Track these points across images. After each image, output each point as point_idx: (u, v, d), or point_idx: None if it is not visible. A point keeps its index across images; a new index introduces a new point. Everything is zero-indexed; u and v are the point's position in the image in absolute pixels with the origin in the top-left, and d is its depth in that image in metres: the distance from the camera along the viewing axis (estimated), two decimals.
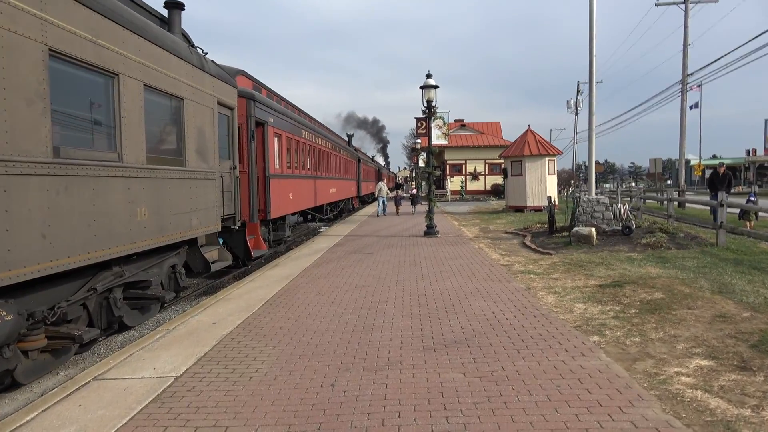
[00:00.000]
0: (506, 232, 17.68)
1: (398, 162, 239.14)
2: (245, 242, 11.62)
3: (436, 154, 17.02)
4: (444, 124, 16.29)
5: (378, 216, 25.46)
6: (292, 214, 16.15)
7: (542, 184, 26.85)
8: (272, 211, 12.83)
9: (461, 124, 50.88)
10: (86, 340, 5.75)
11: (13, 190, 4.55)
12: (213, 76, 9.19)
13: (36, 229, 4.82)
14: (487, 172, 49.76)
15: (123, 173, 6.30)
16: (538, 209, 26.56)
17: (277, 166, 13.72)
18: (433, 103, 15.74)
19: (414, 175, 62.84)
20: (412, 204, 27.94)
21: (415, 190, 30.13)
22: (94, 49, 5.65)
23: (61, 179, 5.15)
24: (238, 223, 10.62)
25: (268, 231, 14.03)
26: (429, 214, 16.83)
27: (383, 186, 26.36)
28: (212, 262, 10.02)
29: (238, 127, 11.32)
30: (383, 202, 25.99)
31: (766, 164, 69.22)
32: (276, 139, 13.74)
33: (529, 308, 7.20)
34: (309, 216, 22.34)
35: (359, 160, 36.57)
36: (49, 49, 4.98)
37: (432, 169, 16.79)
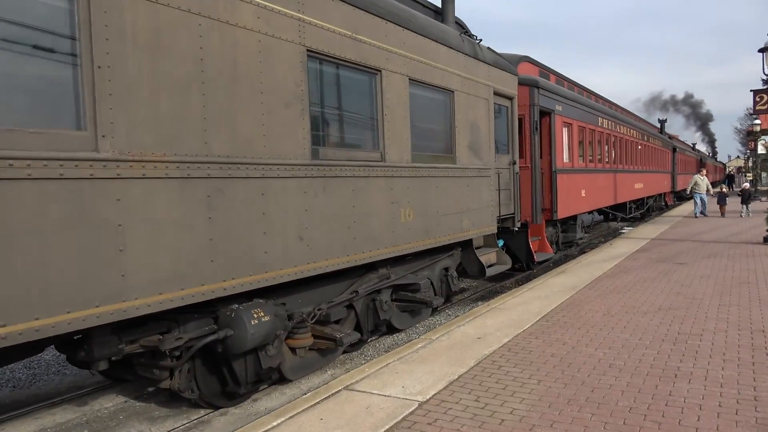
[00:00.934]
0: None
1: (728, 150, 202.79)
2: (527, 244, 10.62)
3: None
4: None
5: (696, 217, 20.91)
6: (586, 213, 14.41)
7: None
8: (559, 210, 11.51)
9: None
10: (346, 343, 5.66)
11: (270, 193, 4.58)
12: (488, 64, 8.46)
13: (293, 231, 4.81)
14: None
15: (385, 173, 6.05)
16: None
17: (566, 160, 12.29)
18: None
19: (751, 164, 51.62)
20: (742, 203, 20.86)
21: (747, 185, 23.21)
22: (353, 46, 5.48)
23: (319, 181, 5.09)
24: (518, 224, 9.69)
25: (556, 232, 12.71)
26: None
27: (700, 179, 21.16)
28: (489, 266, 9.34)
29: (519, 118, 10.37)
30: (701, 199, 21.02)
31: None
32: (565, 129, 12.31)
33: None
34: (610, 215, 19.93)
35: (674, 149, 31.50)
36: (307, 50, 4.93)
37: None
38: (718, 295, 7.90)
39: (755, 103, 13.01)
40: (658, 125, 30.85)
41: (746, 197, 20.82)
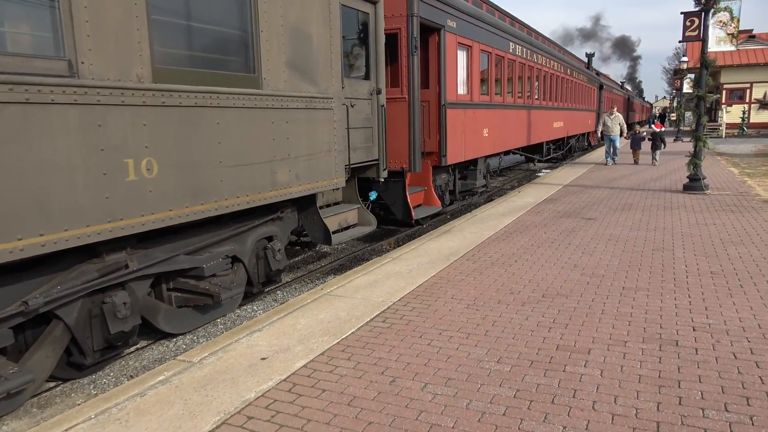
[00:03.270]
0: None
1: (656, 91, 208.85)
2: (404, 197, 8.43)
3: (711, 69, 11.18)
4: (732, 18, 10.04)
5: (606, 165, 17.65)
6: (491, 156, 12.35)
7: None
8: (450, 153, 9.32)
9: (748, 36, 38.79)
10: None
11: None
12: None
13: None
14: None
15: (82, 97, 3.51)
16: None
17: (462, 92, 10.01)
18: None
19: (676, 104, 51.78)
20: (652, 149, 17.37)
21: (658, 125, 18.89)
22: None
23: None
24: (384, 173, 7.42)
25: (450, 179, 10.60)
26: (694, 158, 11.36)
27: (609, 119, 17.30)
28: (344, 228, 7.10)
29: (391, 34, 7.91)
30: (613, 142, 17.44)
31: None
32: (462, 52, 9.96)
33: None
34: (526, 157, 18.07)
35: (601, 86, 30.03)
36: None
37: (704, 92, 11.13)
38: (625, 269, 6.03)
39: (685, 27, 11.07)
40: (585, 60, 29.13)
41: (656, 141, 17.28)
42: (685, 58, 34.56)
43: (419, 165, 8.22)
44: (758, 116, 38.01)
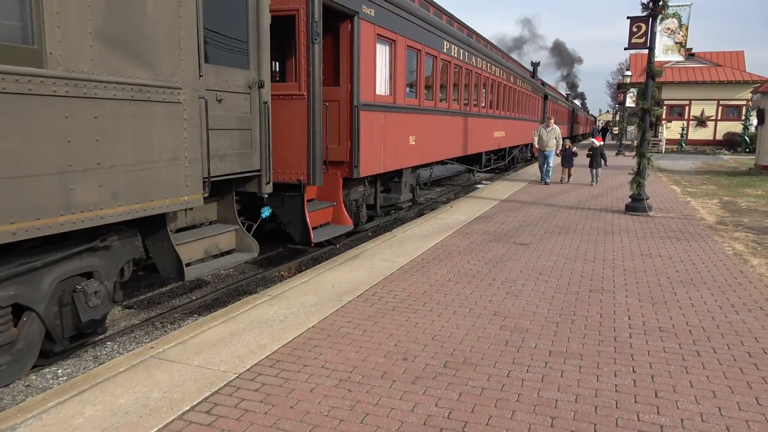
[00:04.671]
0: None
1: (600, 105, 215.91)
2: (302, 216, 6.96)
3: (659, 80, 10.26)
4: (680, 26, 9.36)
5: (543, 183, 15.26)
6: (419, 167, 11.05)
7: None
8: (364, 163, 7.92)
9: (689, 54, 39.48)
10: None
11: None
12: None
13: None
14: (719, 117, 38.52)
15: None
16: None
17: (382, 92, 8.64)
18: None
19: (619, 118, 52.54)
20: (591, 167, 15.23)
21: (598, 139, 16.11)
22: None
23: None
24: (268, 187, 5.93)
25: (366, 194, 9.22)
26: (637, 176, 10.41)
27: (545, 132, 15.07)
28: (217, 255, 5.57)
29: (285, 16, 6.44)
30: (547, 159, 15.11)
31: None
32: (383, 47, 8.59)
33: None
34: (465, 167, 16.94)
35: (546, 97, 29.52)
36: None
37: (650, 105, 10.20)
38: (555, 320, 4.76)
39: (631, 34, 10.14)
40: (530, 68, 28.54)
41: (596, 158, 15.04)
42: (628, 72, 34.71)
43: (320, 177, 6.77)
44: (696, 133, 38.75)
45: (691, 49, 40.10)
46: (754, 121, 37.94)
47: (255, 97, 5.60)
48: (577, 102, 69.00)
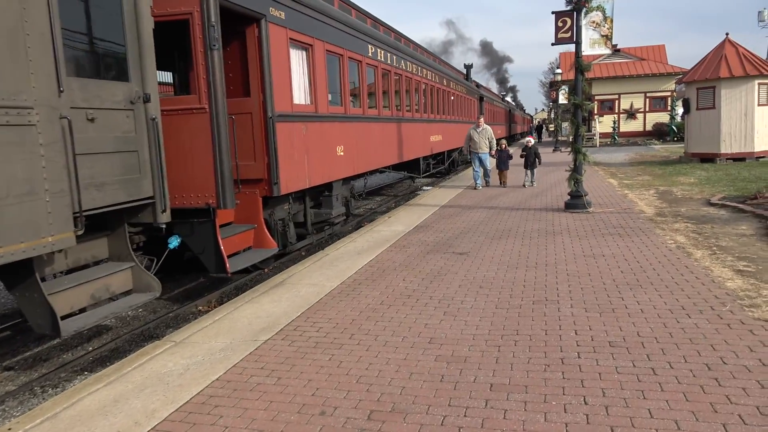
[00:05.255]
0: (710, 204, 10.43)
1: (535, 104, 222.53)
2: (215, 244, 6.20)
3: (587, 74, 10.08)
4: (605, 18, 9.27)
5: (476, 188, 14.32)
6: (352, 177, 10.46)
7: (747, 121, 18.25)
8: (285, 180, 7.24)
9: (614, 49, 40.83)
10: None
11: None
12: None
13: None
14: (647, 109, 39.89)
15: None
16: (740, 158, 18.16)
17: (301, 101, 7.99)
18: None
19: (553, 116, 53.84)
20: (527, 167, 14.22)
21: (531, 139, 15.18)
22: None
23: None
24: (164, 216, 5.15)
25: (302, 209, 8.55)
26: (574, 173, 10.17)
27: (475, 133, 14.02)
28: (109, 299, 4.75)
29: (180, 21, 5.71)
30: (482, 162, 14.18)
31: None
32: (300, 52, 7.95)
33: None
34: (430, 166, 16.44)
35: (482, 98, 29.62)
36: None
37: (581, 100, 9.99)
38: (496, 342, 4.23)
39: (557, 29, 9.92)
40: (464, 71, 28.57)
41: (531, 159, 13.99)
42: (558, 70, 35.44)
43: (231, 199, 6.04)
44: (627, 125, 39.96)
45: (616, 45, 41.56)
46: (680, 110, 39.67)
47: (140, 114, 4.84)
48: (512, 101, 70.31)
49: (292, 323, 5.01)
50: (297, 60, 7.84)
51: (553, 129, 46.23)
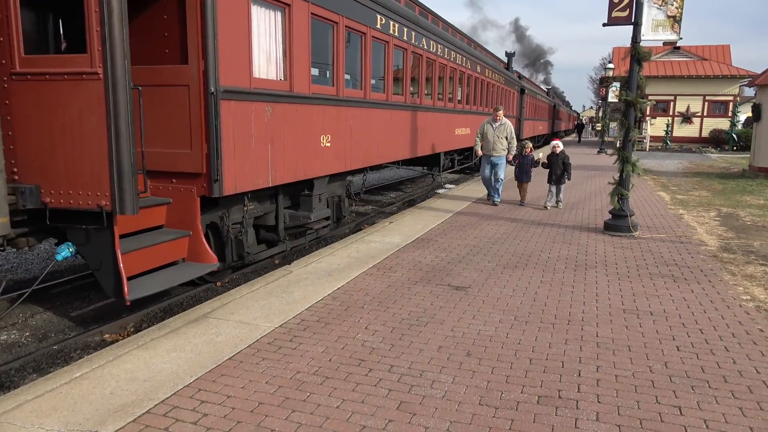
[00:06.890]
0: None
1: (583, 101, 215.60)
2: (113, 259, 4.56)
3: (643, 72, 7.99)
4: None
5: (491, 203, 10.94)
6: (343, 174, 8.70)
7: None
8: (231, 175, 5.53)
9: (673, 47, 37.58)
10: None
11: None
12: None
13: None
14: (705, 113, 36.66)
15: None
16: None
17: (267, 74, 6.23)
18: None
19: (601, 114, 50.62)
20: (551, 182, 10.52)
21: (558, 144, 10.53)
22: None
23: None
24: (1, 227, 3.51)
25: (273, 210, 6.88)
26: (619, 188, 8.17)
27: (491, 129, 10.47)
28: None
29: None
30: (492, 169, 10.71)
31: None
32: (269, 12, 6.18)
33: None
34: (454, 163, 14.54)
35: (522, 90, 27.30)
36: None
37: (636, 97, 7.95)
38: None
39: (611, 5, 7.90)
40: (505, 59, 26.28)
41: (557, 171, 10.33)
42: (610, 65, 32.68)
43: (132, 201, 4.36)
44: (681, 130, 36.87)
45: (675, 42, 38.20)
46: (742, 117, 36.32)
47: None
48: (558, 98, 66.76)
49: (170, 399, 3.33)
50: (265, 22, 6.09)
51: (600, 129, 43.23)
